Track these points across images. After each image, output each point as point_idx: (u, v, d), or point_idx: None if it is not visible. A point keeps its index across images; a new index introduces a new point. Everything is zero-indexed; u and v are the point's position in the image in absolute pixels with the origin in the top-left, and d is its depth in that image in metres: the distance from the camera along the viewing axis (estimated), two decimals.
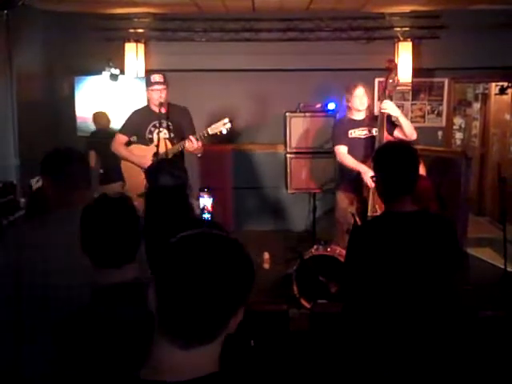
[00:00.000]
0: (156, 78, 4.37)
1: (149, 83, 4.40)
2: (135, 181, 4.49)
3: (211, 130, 4.28)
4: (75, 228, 1.83)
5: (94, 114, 6.21)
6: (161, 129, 4.32)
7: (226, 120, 4.26)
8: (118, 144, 4.51)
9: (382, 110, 4.30)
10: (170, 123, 4.38)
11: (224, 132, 4.28)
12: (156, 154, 4.22)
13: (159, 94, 4.33)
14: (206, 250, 1.11)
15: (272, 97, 6.65)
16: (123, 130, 4.57)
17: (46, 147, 2.40)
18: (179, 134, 4.44)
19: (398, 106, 5.30)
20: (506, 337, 3.74)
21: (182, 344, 1.08)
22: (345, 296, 2.50)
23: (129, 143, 4.55)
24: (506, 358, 3.51)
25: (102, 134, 5.88)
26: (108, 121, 6.17)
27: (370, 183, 4.08)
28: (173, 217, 2.55)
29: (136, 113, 4.59)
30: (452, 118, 7.33)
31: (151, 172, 2.77)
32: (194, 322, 1.07)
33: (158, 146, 4.21)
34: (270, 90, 6.67)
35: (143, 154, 4.39)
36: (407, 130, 4.35)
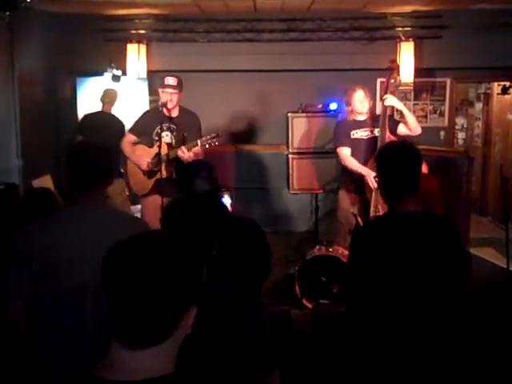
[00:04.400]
0: (169, 80, 4.35)
1: (161, 83, 4.39)
2: (136, 179, 4.55)
3: (200, 143, 4.26)
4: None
5: (105, 91, 6.01)
6: (166, 132, 4.33)
7: (214, 134, 4.26)
8: (126, 142, 4.57)
9: (386, 104, 4.30)
10: (174, 127, 4.39)
11: (213, 145, 4.27)
12: (158, 156, 4.24)
13: (169, 97, 4.33)
14: (147, 250, 1.10)
15: (274, 97, 6.65)
16: (132, 130, 4.62)
17: (48, 148, 2.39)
18: (183, 138, 4.45)
19: None
20: (508, 336, 3.74)
21: (130, 346, 1.08)
22: (348, 297, 2.49)
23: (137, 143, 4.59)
24: (508, 357, 3.51)
25: (96, 120, 5.78)
26: (113, 100, 5.99)
27: (373, 184, 4.08)
28: (210, 219, 2.54)
29: (147, 114, 4.66)
30: (454, 118, 7.32)
31: (185, 176, 2.73)
32: (138, 324, 1.07)
33: (159, 147, 4.22)
34: (271, 90, 6.67)
35: (142, 155, 4.42)
36: (412, 124, 4.36)
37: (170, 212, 2.07)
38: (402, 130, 4.44)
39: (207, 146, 4.26)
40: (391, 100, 4.31)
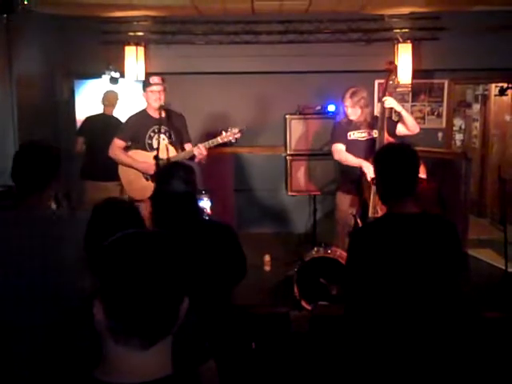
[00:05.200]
0: (155, 79, 4.36)
1: (147, 84, 4.38)
2: (138, 185, 4.42)
3: (221, 139, 4.28)
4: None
5: (105, 93, 5.95)
6: (160, 134, 4.26)
7: (236, 130, 4.28)
8: (117, 149, 4.40)
9: (386, 105, 4.32)
10: (168, 128, 4.35)
11: (233, 141, 4.30)
12: (157, 160, 4.16)
13: (158, 96, 4.29)
14: (140, 247, 1.14)
15: (272, 99, 6.65)
16: (121, 135, 4.44)
17: None
18: (178, 139, 4.42)
19: None
20: (508, 337, 3.74)
21: (143, 344, 1.10)
22: (346, 299, 2.49)
23: (127, 148, 4.49)
24: (508, 359, 3.51)
25: (97, 122, 5.75)
26: (114, 102, 5.94)
27: (370, 176, 4.07)
28: (183, 221, 2.55)
29: (133, 117, 4.52)
30: (452, 120, 7.32)
31: (163, 176, 2.71)
32: (153, 320, 1.10)
33: (157, 150, 4.18)
34: (269, 92, 6.68)
35: (147, 160, 4.30)
36: (410, 124, 4.41)
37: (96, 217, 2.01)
38: (400, 130, 4.47)
39: (228, 143, 4.31)
40: (390, 102, 4.33)
